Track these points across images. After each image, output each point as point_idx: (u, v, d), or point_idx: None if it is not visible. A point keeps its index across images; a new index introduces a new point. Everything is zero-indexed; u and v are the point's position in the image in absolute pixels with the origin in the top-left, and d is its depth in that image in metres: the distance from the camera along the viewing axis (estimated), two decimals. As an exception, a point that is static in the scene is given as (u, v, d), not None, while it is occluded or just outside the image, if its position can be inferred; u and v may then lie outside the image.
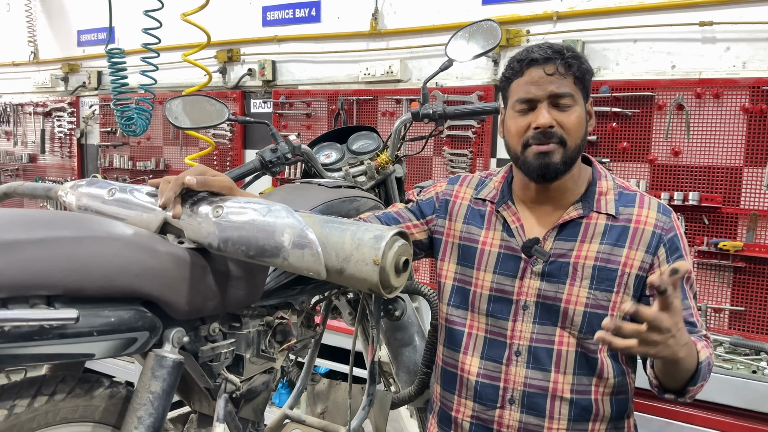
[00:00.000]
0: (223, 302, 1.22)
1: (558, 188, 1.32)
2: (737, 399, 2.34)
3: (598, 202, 1.32)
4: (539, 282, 1.30)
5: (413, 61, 3.58)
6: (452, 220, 1.44)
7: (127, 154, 4.82)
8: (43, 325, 0.91)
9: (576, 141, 1.27)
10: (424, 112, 1.83)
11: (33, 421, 1.04)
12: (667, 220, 1.30)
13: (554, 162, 1.26)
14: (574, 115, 1.26)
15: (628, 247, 1.27)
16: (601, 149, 2.97)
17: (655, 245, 1.27)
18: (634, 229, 1.28)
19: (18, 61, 5.54)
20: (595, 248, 1.28)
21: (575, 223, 1.31)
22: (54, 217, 1.05)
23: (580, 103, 1.28)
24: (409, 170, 3.48)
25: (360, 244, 1.08)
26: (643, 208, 1.30)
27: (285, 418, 1.91)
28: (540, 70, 1.25)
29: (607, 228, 1.29)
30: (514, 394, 1.31)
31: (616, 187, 1.34)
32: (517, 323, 1.31)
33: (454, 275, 1.42)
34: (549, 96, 1.25)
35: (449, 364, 1.43)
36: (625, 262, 1.26)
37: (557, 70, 1.24)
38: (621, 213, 1.30)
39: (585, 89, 1.29)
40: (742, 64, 2.73)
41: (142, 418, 1.08)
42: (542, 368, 1.29)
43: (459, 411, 1.40)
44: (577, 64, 1.26)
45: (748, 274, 2.68)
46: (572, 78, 1.26)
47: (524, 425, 1.31)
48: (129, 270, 1.04)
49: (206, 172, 1.20)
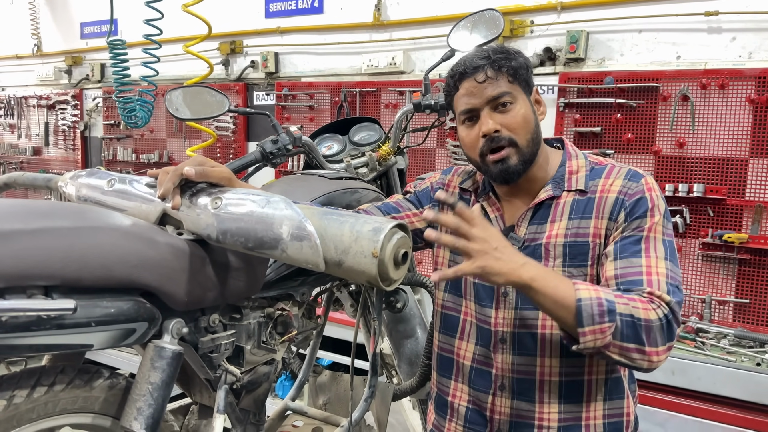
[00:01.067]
0: (223, 293, 1.22)
1: (526, 179, 1.32)
2: (741, 391, 2.33)
3: (569, 181, 1.31)
4: None
5: (416, 52, 3.56)
6: (445, 209, 1.45)
7: (131, 146, 4.82)
8: (41, 315, 0.91)
9: (526, 137, 1.27)
10: (425, 102, 1.82)
11: (32, 412, 1.04)
12: (633, 185, 1.25)
13: (512, 165, 1.27)
14: (518, 113, 1.27)
15: (594, 218, 1.26)
16: (606, 141, 2.95)
17: (617, 211, 1.24)
18: (599, 198, 1.27)
19: (21, 54, 5.55)
20: (564, 225, 1.28)
21: (546, 204, 1.31)
22: (52, 208, 1.05)
23: (521, 99, 1.28)
24: (412, 162, 3.48)
25: (359, 237, 1.08)
26: (609, 177, 1.28)
27: (287, 409, 1.92)
28: (471, 81, 1.27)
29: (575, 203, 1.29)
30: (504, 381, 1.32)
31: (587, 164, 1.33)
32: (499, 310, 1.32)
33: (448, 262, 1.43)
34: (487, 102, 1.26)
35: (445, 350, 1.43)
36: (594, 233, 1.25)
37: (487, 75, 1.26)
38: (589, 187, 1.29)
39: (524, 82, 1.29)
40: (748, 54, 2.70)
41: (141, 408, 1.09)
42: (528, 353, 1.29)
43: (455, 396, 1.41)
44: (506, 63, 1.26)
45: (753, 267, 2.67)
46: (505, 77, 1.26)
47: (516, 411, 1.31)
48: (127, 261, 1.04)
49: (205, 163, 1.20)
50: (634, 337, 1.11)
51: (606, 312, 1.10)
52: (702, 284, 2.78)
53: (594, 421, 1.30)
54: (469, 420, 1.38)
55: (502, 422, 1.32)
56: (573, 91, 3.01)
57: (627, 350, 1.12)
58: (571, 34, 3.01)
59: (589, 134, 2.97)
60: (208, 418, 1.38)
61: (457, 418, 1.40)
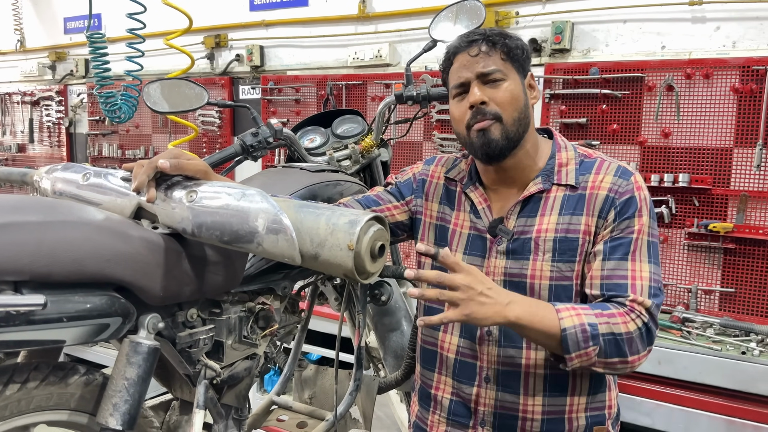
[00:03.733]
0: (201, 288, 1.20)
1: (514, 167, 1.32)
2: (727, 380, 2.35)
3: (558, 174, 1.31)
4: (504, 260, 1.30)
5: (402, 44, 3.54)
6: (429, 200, 1.45)
7: (116, 142, 4.78)
8: (9, 311, 0.90)
9: (513, 114, 1.27)
10: (407, 94, 1.81)
11: (5, 409, 1.02)
12: (623, 183, 1.26)
13: (494, 138, 1.27)
14: (504, 88, 1.27)
15: (585, 215, 1.26)
16: (591, 131, 2.95)
17: (607, 209, 1.25)
18: (590, 195, 1.27)
19: (4, 50, 5.48)
20: (554, 220, 1.28)
21: (536, 198, 1.31)
22: (21, 202, 1.03)
23: (512, 78, 1.28)
24: (398, 155, 3.47)
25: (334, 230, 1.07)
26: (599, 174, 1.29)
27: (272, 404, 1.91)
28: (465, 55, 1.29)
29: (566, 198, 1.29)
30: (489, 373, 1.32)
31: (577, 157, 1.33)
32: None
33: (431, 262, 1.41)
34: (478, 75, 1.27)
35: (428, 343, 1.43)
36: (585, 230, 1.26)
37: (480, 50, 1.27)
38: (580, 182, 1.30)
39: (518, 63, 1.29)
40: (732, 43, 2.70)
41: (117, 404, 1.07)
42: (514, 345, 1.30)
43: (439, 389, 1.41)
44: (501, 40, 1.28)
45: (738, 256, 2.68)
46: (499, 54, 1.27)
47: (500, 403, 1.31)
48: (100, 255, 1.02)
49: (180, 156, 1.18)
50: (617, 351, 1.18)
51: (590, 337, 1.16)
52: (688, 274, 2.79)
53: (576, 414, 1.31)
54: (453, 412, 1.38)
55: (486, 414, 1.33)
56: (558, 82, 3.01)
57: (611, 364, 1.19)
58: (556, 24, 3.00)
59: (575, 125, 2.97)
60: (189, 414, 1.37)
61: (441, 410, 1.40)
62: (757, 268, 2.64)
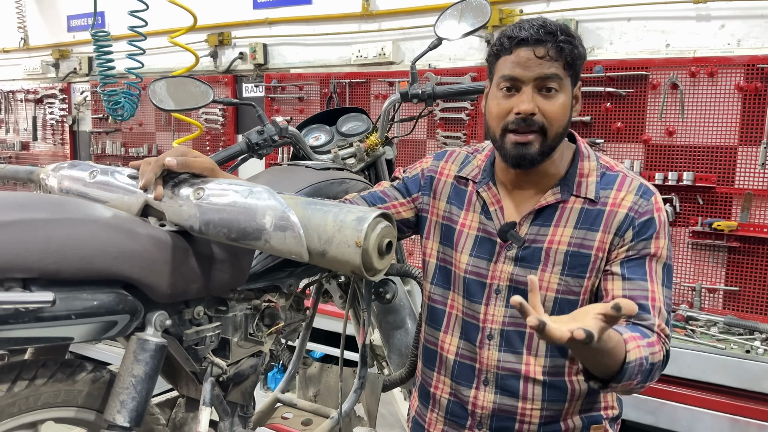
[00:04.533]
0: (207, 285, 1.21)
1: (537, 173, 1.28)
2: (731, 379, 2.34)
3: (578, 186, 1.27)
4: (512, 267, 1.28)
5: (406, 42, 3.54)
6: (436, 198, 1.42)
7: (120, 140, 4.78)
8: (18, 308, 0.90)
9: (557, 130, 1.22)
10: (412, 92, 1.81)
11: (13, 406, 1.03)
12: (644, 203, 1.24)
13: (531, 153, 1.21)
14: (558, 102, 1.20)
15: (601, 231, 1.23)
16: (595, 130, 2.95)
17: (625, 228, 1.22)
18: (609, 212, 1.24)
19: (8, 48, 5.48)
20: (569, 233, 1.25)
21: (552, 207, 1.27)
22: (30, 199, 1.04)
23: (566, 89, 1.22)
24: (402, 153, 3.46)
25: (342, 226, 1.07)
26: (621, 191, 1.25)
27: (276, 401, 1.91)
28: (530, 51, 1.18)
29: (583, 212, 1.25)
30: (488, 376, 1.31)
31: (599, 168, 1.29)
32: (489, 307, 1.30)
33: (437, 254, 1.40)
34: (536, 78, 1.19)
35: (430, 342, 1.43)
36: (599, 246, 1.23)
37: (548, 53, 1.17)
38: (600, 197, 1.26)
39: (575, 74, 1.23)
40: (736, 41, 2.70)
41: (124, 402, 1.08)
42: (514, 351, 1.28)
43: (438, 388, 1.41)
44: (569, 48, 1.18)
45: (743, 254, 2.67)
46: (563, 62, 1.19)
47: (498, 406, 1.31)
48: (107, 252, 1.02)
49: (187, 153, 1.18)
50: (647, 379, 1.14)
51: (641, 371, 1.10)
52: (692, 272, 2.78)
53: (574, 416, 1.31)
54: (450, 412, 1.38)
55: (484, 416, 1.32)
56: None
57: (635, 389, 1.15)
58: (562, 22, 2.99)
59: (579, 123, 2.96)
60: (195, 411, 1.37)
61: (439, 409, 1.41)
62: (761, 267, 2.64)
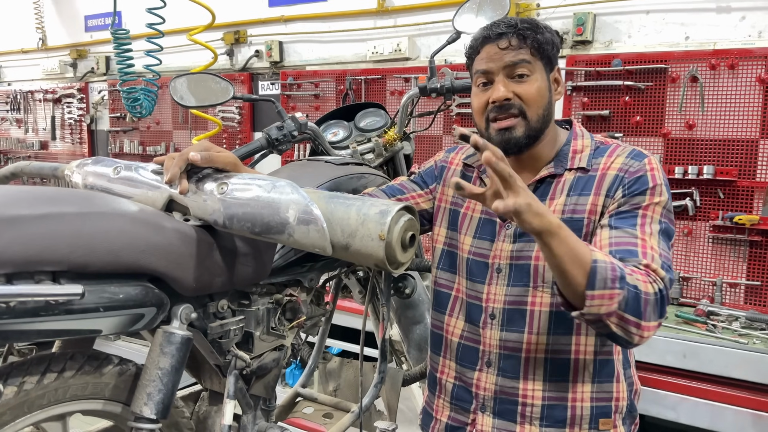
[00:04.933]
0: (231, 279, 1.22)
1: (530, 157, 1.31)
2: (754, 374, 2.32)
3: (572, 159, 1.30)
4: (511, 244, 1.30)
5: (421, 38, 3.54)
6: (445, 185, 1.46)
7: (137, 138, 4.82)
8: (49, 300, 0.91)
9: (537, 111, 1.25)
10: (431, 86, 1.81)
11: (43, 398, 1.04)
12: (635, 164, 1.24)
13: (516, 136, 1.25)
14: (532, 85, 1.24)
15: (593, 194, 1.25)
16: (614, 124, 2.93)
17: (615, 188, 1.22)
18: (600, 176, 1.26)
19: (27, 48, 5.55)
20: (562, 202, 1.27)
21: (547, 182, 1.30)
22: (58, 194, 1.05)
23: (539, 73, 1.26)
24: (419, 149, 3.46)
25: (365, 220, 1.07)
26: (612, 156, 1.27)
27: (297, 396, 1.92)
28: (494, 47, 1.25)
29: (576, 180, 1.28)
30: (491, 357, 1.32)
31: (593, 144, 1.32)
32: (491, 287, 1.32)
33: (444, 239, 1.43)
34: (504, 68, 1.24)
35: (436, 326, 1.44)
36: (591, 209, 1.24)
37: (510, 43, 1.24)
38: (591, 165, 1.28)
39: (547, 58, 1.27)
40: (757, 33, 2.66)
41: (151, 394, 1.09)
42: (516, 330, 1.29)
43: (443, 372, 1.42)
44: (532, 34, 1.24)
45: (764, 248, 2.64)
46: (528, 49, 1.24)
47: (500, 388, 1.31)
48: (135, 246, 1.03)
49: (210, 148, 1.19)
50: (635, 309, 1.07)
51: (618, 278, 1.05)
52: (713, 267, 2.76)
53: (581, 403, 1.29)
54: (455, 396, 1.39)
55: (487, 398, 1.33)
56: (581, 74, 2.98)
57: (626, 322, 1.08)
58: (577, 16, 2.97)
59: (598, 117, 2.94)
60: (218, 405, 1.38)
61: (445, 395, 1.42)
62: (783, 261, 2.61)
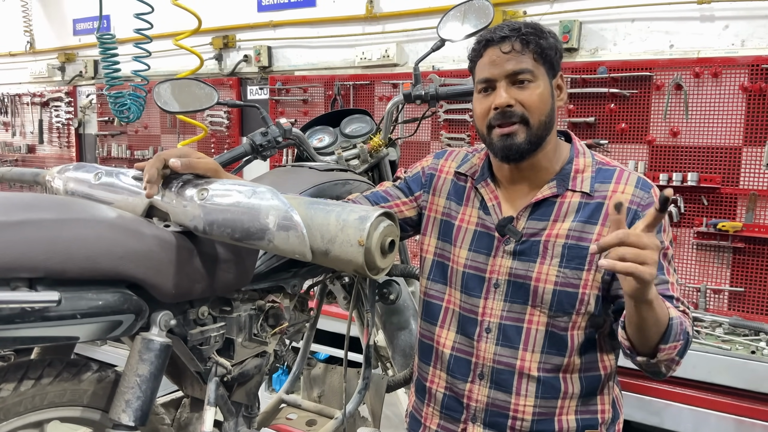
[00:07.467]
0: (212, 285, 1.21)
1: (531, 167, 1.30)
2: (736, 379, 2.34)
3: (573, 180, 1.30)
4: (511, 261, 1.30)
5: (410, 44, 3.55)
6: (435, 195, 1.44)
7: (125, 143, 4.80)
8: (24, 307, 0.91)
9: (540, 118, 1.25)
10: (416, 93, 1.81)
11: (20, 405, 1.04)
12: (645, 196, 1.26)
13: (517, 142, 1.24)
14: (534, 91, 1.24)
15: (600, 224, 1.25)
16: (599, 130, 2.95)
17: (629, 222, 1.21)
18: (609, 205, 1.24)
19: (14, 51, 5.52)
20: (567, 226, 1.26)
21: (549, 202, 1.29)
22: (35, 200, 1.04)
23: (542, 79, 1.25)
24: (406, 155, 3.47)
25: (345, 225, 1.08)
26: (620, 183, 1.28)
27: (281, 402, 1.91)
28: (497, 50, 1.25)
29: (581, 206, 1.27)
30: (484, 370, 1.32)
31: (594, 164, 1.32)
32: (488, 301, 1.32)
33: (435, 250, 1.42)
34: (506, 75, 1.24)
35: (426, 337, 1.44)
36: (597, 239, 1.23)
37: (513, 47, 1.23)
38: (596, 190, 1.28)
39: (549, 64, 1.26)
40: (741, 42, 2.69)
41: (129, 401, 1.08)
42: (511, 346, 1.29)
43: (433, 382, 1.42)
44: (535, 39, 1.24)
45: (748, 255, 2.67)
46: (531, 54, 1.24)
47: (492, 400, 1.31)
48: (113, 252, 1.03)
49: (190, 154, 1.19)
50: (684, 352, 1.15)
51: (683, 331, 1.14)
52: (697, 273, 2.78)
53: (567, 416, 1.31)
54: (446, 406, 1.39)
55: (478, 410, 1.33)
56: (566, 81, 3.00)
57: (676, 363, 1.17)
58: (563, 23, 3.00)
59: (583, 124, 2.96)
60: (199, 411, 1.38)
61: (434, 403, 1.42)
62: (766, 268, 2.63)
